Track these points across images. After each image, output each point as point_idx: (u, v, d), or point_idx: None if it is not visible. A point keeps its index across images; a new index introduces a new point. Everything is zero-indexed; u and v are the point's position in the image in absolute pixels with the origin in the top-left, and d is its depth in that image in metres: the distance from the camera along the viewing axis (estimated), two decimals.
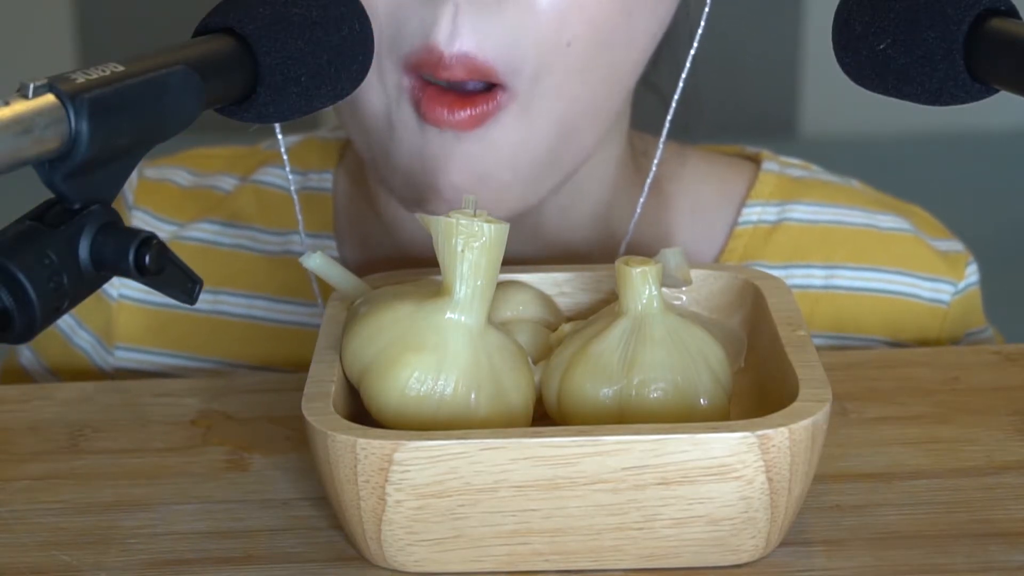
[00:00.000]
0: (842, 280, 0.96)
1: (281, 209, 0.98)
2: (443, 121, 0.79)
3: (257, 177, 1.00)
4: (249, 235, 0.99)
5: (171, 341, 0.98)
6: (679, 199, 0.96)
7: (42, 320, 0.57)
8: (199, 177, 1.01)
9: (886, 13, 0.67)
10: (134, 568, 0.69)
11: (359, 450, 0.65)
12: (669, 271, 0.74)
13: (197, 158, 1.03)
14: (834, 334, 0.95)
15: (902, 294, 0.96)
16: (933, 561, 0.68)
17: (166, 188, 1.01)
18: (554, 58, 0.79)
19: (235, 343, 0.97)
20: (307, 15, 0.69)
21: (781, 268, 0.95)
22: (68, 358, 0.99)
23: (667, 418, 0.69)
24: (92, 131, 0.58)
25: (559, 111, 0.81)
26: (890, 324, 0.95)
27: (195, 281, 0.63)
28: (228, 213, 0.99)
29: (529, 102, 0.80)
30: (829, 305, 0.95)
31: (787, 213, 0.96)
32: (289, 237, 0.98)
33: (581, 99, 0.82)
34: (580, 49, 0.80)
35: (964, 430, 0.78)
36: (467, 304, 0.69)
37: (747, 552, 0.67)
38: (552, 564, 0.67)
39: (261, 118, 0.69)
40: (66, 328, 0.99)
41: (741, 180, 0.98)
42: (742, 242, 0.95)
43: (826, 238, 0.96)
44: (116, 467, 0.77)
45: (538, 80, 0.80)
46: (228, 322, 0.98)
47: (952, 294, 0.96)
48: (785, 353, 0.71)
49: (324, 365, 0.71)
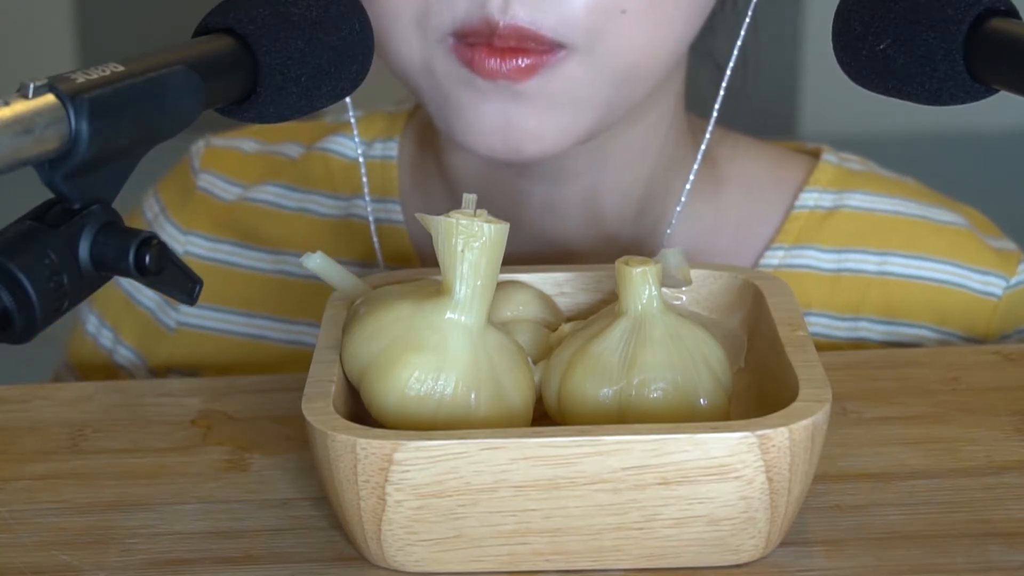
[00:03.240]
0: (894, 267, 0.96)
1: (346, 174, 1.00)
2: (498, 73, 0.81)
3: (322, 145, 1.02)
4: (313, 199, 1.00)
5: (234, 299, 1.00)
6: (734, 179, 0.97)
7: (42, 320, 0.57)
8: (265, 145, 1.03)
9: (886, 13, 0.67)
10: (134, 568, 0.69)
11: (359, 450, 0.65)
12: (669, 271, 0.74)
13: (264, 130, 1.05)
14: (884, 319, 0.96)
15: (953, 284, 0.96)
16: (933, 561, 0.68)
17: (232, 154, 1.03)
18: (608, 25, 0.81)
19: (296, 302, 0.99)
20: (307, 15, 0.69)
21: (835, 252, 0.96)
22: (132, 317, 1.01)
23: (667, 418, 0.69)
24: (92, 131, 0.58)
25: (618, 66, 0.83)
26: (938, 312, 0.96)
27: (195, 281, 0.63)
28: (293, 177, 1.01)
29: (588, 57, 0.82)
30: (880, 291, 0.96)
31: (844, 200, 0.97)
32: (352, 201, 0.99)
33: (639, 59, 0.83)
34: (635, 17, 0.81)
35: (964, 430, 0.78)
36: (467, 304, 0.69)
37: (747, 552, 0.67)
38: (552, 564, 0.67)
39: (261, 118, 0.69)
40: (131, 288, 1.01)
41: (799, 168, 0.99)
42: (798, 225, 0.96)
43: (881, 226, 0.97)
44: (116, 467, 0.77)
45: (592, 45, 0.81)
46: (290, 282, 0.99)
47: (1004, 288, 0.96)
48: (785, 353, 0.71)
49: (324, 365, 0.71)
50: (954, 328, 0.96)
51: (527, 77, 0.81)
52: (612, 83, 0.83)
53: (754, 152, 0.99)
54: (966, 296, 0.96)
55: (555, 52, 0.81)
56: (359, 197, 0.99)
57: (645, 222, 0.94)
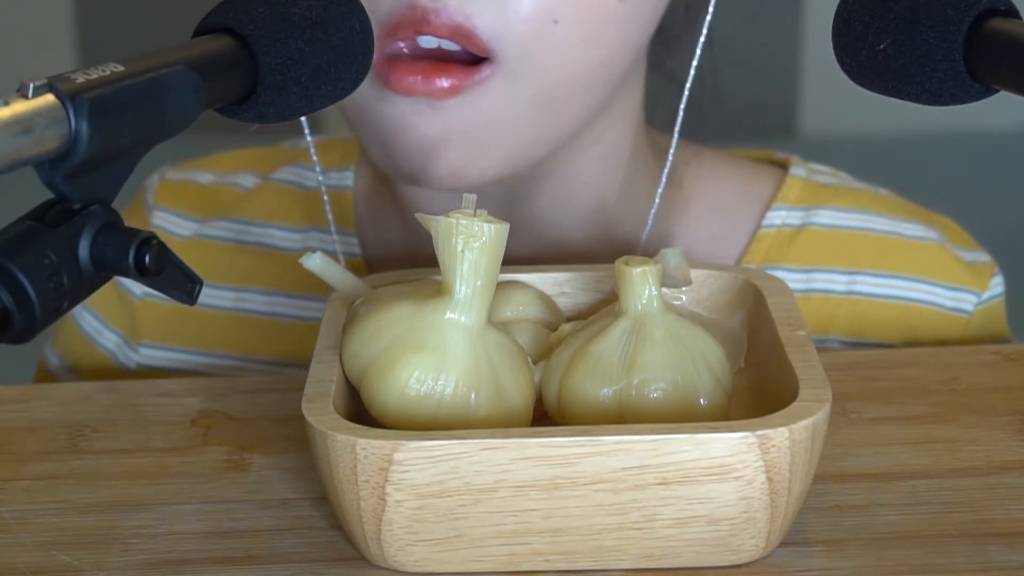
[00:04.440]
0: (864, 286, 0.95)
1: (301, 206, 0.99)
2: (416, 89, 0.79)
3: (277, 175, 1.00)
4: (269, 232, 0.99)
5: (195, 338, 0.98)
6: (699, 199, 0.95)
7: (42, 320, 0.57)
8: (221, 176, 1.02)
9: (886, 13, 0.67)
10: (134, 568, 0.69)
11: (359, 450, 0.65)
12: (669, 271, 0.74)
13: (220, 160, 1.03)
14: (853, 339, 0.94)
15: (923, 302, 0.95)
16: (933, 561, 0.68)
17: (187, 187, 1.01)
18: (541, 33, 0.79)
19: (258, 340, 0.98)
20: (307, 15, 0.69)
21: (803, 272, 0.95)
22: (93, 359, 1.00)
23: (667, 418, 0.69)
24: (92, 131, 0.58)
25: (545, 84, 0.81)
26: (909, 332, 0.95)
27: (195, 281, 0.63)
28: (248, 211, 1.00)
29: (515, 73, 0.80)
30: (849, 310, 0.94)
31: (812, 218, 0.96)
32: (309, 234, 0.98)
33: (569, 76, 0.81)
34: (567, 28, 0.80)
35: (964, 430, 0.78)
36: (467, 304, 0.69)
37: (747, 552, 0.67)
38: (552, 564, 0.67)
39: (261, 118, 0.69)
40: (91, 331, 0.99)
41: (767, 184, 0.97)
42: (764, 245, 0.95)
43: (850, 244, 0.95)
44: (116, 467, 0.77)
45: (525, 55, 0.80)
46: (251, 319, 0.98)
47: (975, 304, 0.95)
48: (785, 353, 0.71)
49: (324, 365, 0.71)
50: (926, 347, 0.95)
51: (448, 97, 0.79)
52: (537, 105, 0.81)
53: (720, 170, 0.97)
54: (937, 314, 0.95)
55: (480, 69, 0.79)
56: (316, 229, 0.97)
57: (611, 246, 0.92)
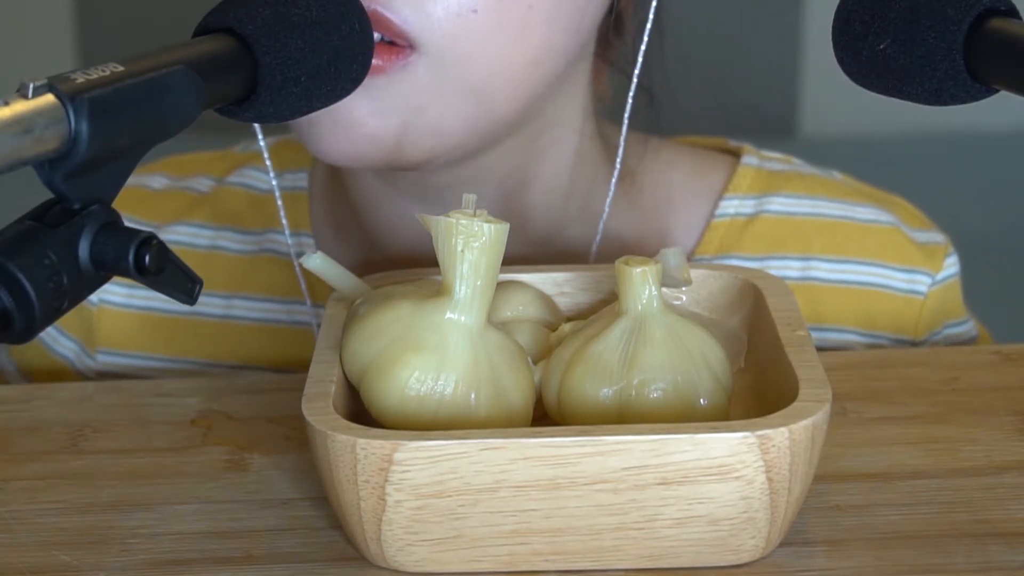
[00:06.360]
0: (818, 272, 0.95)
1: (257, 209, 0.98)
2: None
3: (232, 179, 1.00)
4: (224, 235, 0.99)
5: (151, 343, 0.98)
6: (653, 191, 0.96)
7: (42, 320, 0.57)
8: (175, 180, 1.02)
9: (886, 13, 0.67)
10: (134, 568, 0.69)
11: (359, 450, 0.65)
12: (669, 271, 0.74)
13: (172, 164, 1.03)
14: (811, 325, 0.94)
15: (877, 285, 0.95)
16: (933, 561, 0.68)
17: (139, 193, 1.01)
18: (461, 22, 0.79)
19: (215, 343, 0.97)
20: (307, 15, 0.69)
21: (757, 260, 0.95)
22: (49, 366, 0.99)
23: (667, 418, 0.69)
24: (92, 131, 0.58)
25: (472, 74, 0.80)
26: (866, 316, 0.95)
27: (195, 281, 0.63)
28: (204, 214, 1.00)
29: (439, 60, 0.79)
30: (805, 297, 0.94)
31: (764, 206, 0.96)
32: (266, 236, 0.98)
33: (496, 70, 0.81)
34: (486, 18, 0.79)
35: (964, 430, 0.78)
36: (467, 304, 0.69)
37: (747, 552, 0.67)
38: (552, 564, 0.67)
39: (261, 118, 0.69)
40: (47, 339, 0.99)
41: (719, 173, 0.97)
42: (718, 234, 0.95)
43: (803, 230, 0.96)
44: (116, 467, 0.77)
45: (447, 43, 0.79)
46: (207, 323, 0.98)
47: (930, 285, 0.96)
48: (785, 353, 0.71)
49: (324, 365, 0.71)
50: (883, 330, 0.95)
51: (374, 76, 0.78)
52: (463, 94, 0.80)
53: (673, 160, 0.97)
54: (892, 297, 0.95)
55: (405, 53, 0.78)
56: (271, 231, 0.97)
57: (567, 238, 0.92)
